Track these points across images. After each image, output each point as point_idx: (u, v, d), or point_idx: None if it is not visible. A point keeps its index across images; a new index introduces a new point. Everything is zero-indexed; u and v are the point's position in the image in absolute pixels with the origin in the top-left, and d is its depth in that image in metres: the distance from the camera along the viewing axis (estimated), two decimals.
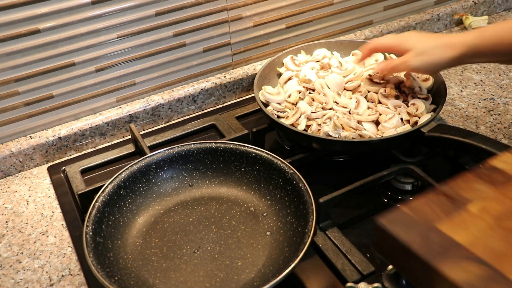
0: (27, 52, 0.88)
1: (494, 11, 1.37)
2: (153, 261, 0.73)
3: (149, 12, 0.95)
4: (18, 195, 0.90)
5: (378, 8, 1.21)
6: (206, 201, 0.82)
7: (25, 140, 0.94)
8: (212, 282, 0.69)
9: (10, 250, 0.79)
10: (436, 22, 1.29)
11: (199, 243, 0.75)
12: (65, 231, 0.82)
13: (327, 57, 1.04)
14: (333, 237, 0.75)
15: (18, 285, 0.73)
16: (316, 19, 1.14)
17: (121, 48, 0.96)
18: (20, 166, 0.95)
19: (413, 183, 0.84)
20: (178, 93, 1.05)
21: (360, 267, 0.70)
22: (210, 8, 1.00)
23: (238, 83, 1.10)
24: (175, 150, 0.82)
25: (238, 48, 1.09)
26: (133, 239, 0.76)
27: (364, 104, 0.91)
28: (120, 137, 1.03)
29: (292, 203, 0.76)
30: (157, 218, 0.79)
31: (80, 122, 0.98)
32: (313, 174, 0.88)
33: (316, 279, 0.71)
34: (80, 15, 0.89)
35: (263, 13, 1.07)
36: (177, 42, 1.01)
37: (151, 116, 1.04)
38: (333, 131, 0.85)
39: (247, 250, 0.73)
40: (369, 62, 1.03)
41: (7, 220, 0.84)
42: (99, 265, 0.66)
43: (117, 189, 0.77)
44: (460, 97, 1.06)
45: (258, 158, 0.81)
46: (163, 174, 0.83)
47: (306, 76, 0.98)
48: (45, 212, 0.86)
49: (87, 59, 0.94)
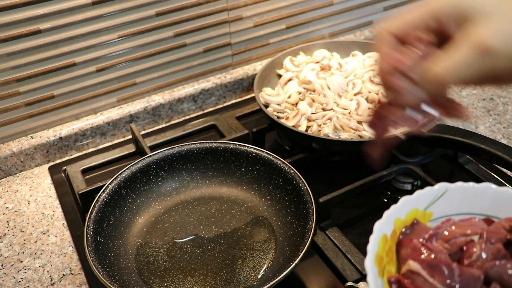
0: (28, 52, 0.88)
1: None
2: (153, 260, 0.73)
3: (149, 12, 0.95)
4: (19, 195, 0.90)
5: (378, 8, 1.21)
6: (206, 201, 0.82)
7: (26, 140, 0.94)
8: (212, 281, 0.69)
9: (11, 249, 0.79)
10: None
11: (200, 242, 0.75)
12: (66, 231, 0.82)
13: (327, 58, 1.04)
14: (333, 237, 0.75)
15: (19, 284, 0.74)
16: (316, 19, 1.14)
17: (122, 48, 0.96)
18: (21, 166, 0.95)
19: (412, 183, 0.84)
20: (178, 93, 1.05)
21: (360, 267, 0.70)
22: (211, 8, 1.01)
23: (239, 83, 1.10)
24: (175, 150, 0.83)
25: (239, 48, 1.09)
26: (133, 238, 0.76)
27: (365, 105, 0.91)
28: (121, 137, 1.03)
29: (292, 203, 0.76)
30: (158, 218, 0.79)
31: (81, 122, 0.98)
32: (313, 174, 0.88)
33: (316, 279, 0.72)
34: (81, 16, 0.89)
35: (263, 13, 1.07)
36: (178, 42, 1.01)
37: (151, 116, 1.04)
38: (333, 133, 0.86)
39: (247, 249, 0.74)
40: (369, 63, 1.03)
41: (8, 219, 0.85)
42: (100, 265, 0.66)
43: (118, 189, 0.77)
44: (459, 97, 1.07)
45: (258, 158, 0.81)
46: (164, 174, 0.83)
47: (306, 77, 0.98)
48: (46, 212, 0.86)
49: (88, 59, 0.94)
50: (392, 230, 0.49)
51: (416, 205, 0.50)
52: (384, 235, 0.48)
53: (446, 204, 0.50)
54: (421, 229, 0.49)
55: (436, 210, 0.51)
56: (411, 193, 0.83)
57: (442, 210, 0.51)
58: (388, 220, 0.48)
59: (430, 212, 0.51)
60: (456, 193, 0.51)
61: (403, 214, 0.50)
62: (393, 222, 0.49)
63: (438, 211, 0.51)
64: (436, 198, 0.51)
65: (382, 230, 0.47)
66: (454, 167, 0.89)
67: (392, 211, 0.48)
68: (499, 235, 0.47)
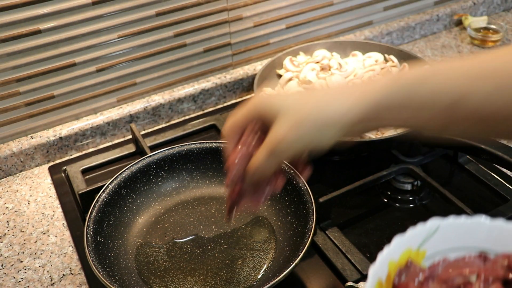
0: (28, 52, 0.88)
1: (493, 11, 1.38)
2: (153, 260, 0.73)
3: (149, 12, 0.95)
4: (19, 195, 0.90)
5: (378, 9, 1.21)
6: (206, 201, 0.82)
7: (26, 140, 0.94)
8: (212, 281, 0.69)
9: (11, 249, 0.79)
10: (436, 22, 1.29)
11: (200, 242, 0.75)
12: (66, 231, 0.82)
13: (327, 58, 1.04)
14: (333, 237, 0.75)
15: (19, 284, 0.74)
16: (316, 19, 1.14)
17: (122, 48, 0.96)
18: (21, 166, 0.95)
19: (412, 183, 0.84)
20: (178, 93, 1.05)
21: (360, 267, 0.71)
22: (211, 8, 1.01)
23: (239, 83, 1.10)
24: (175, 150, 0.83)
25: (239, 48, 1.09)
26: (133, 238, 0.76)
27: None
28: (121, 137, 1.03)
29: (292, 203, 0.76)
30: (158, 218, 0.79)
31: (81, 122, 0.98)
32: (313, 174, 0.88)
33: (316, 279, 0.72)
34: (81, 16, 0.89)
35: (263, 13, 1.07)
36: (178, 42, 1.01)
37: (151, 116, 1.04)
38: None
39: (247, 249, 0.74)
40: (369, 63, 1.03)
41: (8, 219, 0.85)
42: (100, 265, 0.66)
43: (118, 189, 0.77)
44: None
45: None
46: (164, 174, 0.83)
47: (306, 77, 0.98)
48: (46, 212, 0.86)
49: (88, 59, 0.94)
50: (387, 274, 0.48)
51: (409, 245, 0.49)
52: (379, 281, 0.47)
53: (439, 241, 0.50)
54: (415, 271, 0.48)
55: (430, 247, 0.50)
56: (411, 192, 0.84)
57: (436, 246, 0.50)
58: (382, 263, 0.48)
59: (423, 251, 0.50)
60: (448, 228, 0.50)
61: (396, 255, 0.49)
62: (387, 265, 0.48)
63: (431, 248, 0.50)
64: (429, 235, 0.50)
65: (376, 275, 0.47)
66: (454, 167, 0.89)
67: (386, 253, 0.48)
68: (497, 273, 0.46)
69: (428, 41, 1.28)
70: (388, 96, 0.46)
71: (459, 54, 1.21)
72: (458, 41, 1.27)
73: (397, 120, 0.47)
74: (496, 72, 0.43)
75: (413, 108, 0.46)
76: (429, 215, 0.80)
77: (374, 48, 1.07)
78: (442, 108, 0.45)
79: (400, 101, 0.46)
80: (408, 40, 1.28)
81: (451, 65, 0.46)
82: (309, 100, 0.47)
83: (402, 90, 0.46)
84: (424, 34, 1.29)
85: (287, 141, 0.46)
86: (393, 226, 0.79)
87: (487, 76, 0.44)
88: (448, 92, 0.44)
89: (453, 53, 1.22)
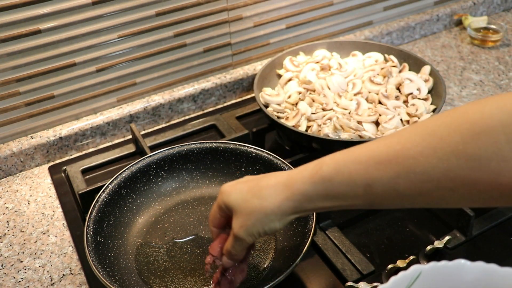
0: (28, 52, 0.88)
1: (493, 11, 1.38)
2: (153, 260, 0.73)
3: (149, 12, 0.95)
4: (19, 195, 0.90)
5: (378, 9, 1.21)
6: (206, 201, 0.82)
7: (26, 140, 0.94)
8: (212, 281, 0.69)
9: (11, 249, 0.79)
10: (436, 22, 1.29)
11: (200, 242, 0.75)
12: (66, 231, 0.82)
13: (327, 58, 1.04)
14: (333, 237, 0.75)
15: (19, 284, 0.74)
16: (316, 19, 1.14)
17: (122, 48, 0.96)
18: (21, 166, 0.95)
19: None
20: (178, 93, 1.05)
21: (360, 267, 0.71)
22: (211, 8, 1.01)
23: (238, 83, 1.10)
24: (175, 150, 0.83)
25: (239, 48, 1.09)
26: (133, 238, 0.76)
27: (365, 105, 0.91)
28: (121, 137, 1.03)
29: None
30: (158, 218, 0.79)
31: (81, 122, 0.98)
32: None
33: (316, 279, 0.72)
34: (81, 16, 0.89)
35: (263, 13, 1.07)
36: (178, 42, 1.01)
37: (151, 116, 1.04)
38: (333, 133, 0.86)
39: None
40: (369, 63, 1.03)
41: (8, 219, 0.85)
42: (100, 265, 0.66)
43: (118, 189, 0.77)
44: (459, 97, 1.07)
45: (258, 158, 0.81)
46: (164, 174, 0.83)
47: (306, 77, 0.98)
48: (46, 212, 0.86)
49: (87, 59, 0.94)
50: None
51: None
52: None
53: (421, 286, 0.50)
54: None
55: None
56: None
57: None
58: None
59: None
60: (430, 274, 0.51)
61: None
62: None
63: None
64: (411, 282, 0.51)
65: None
66: None
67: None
68: None
69: (428, 41, 1.28)
70: (309, 191, 0.53)
71: (459, 54, 1.21)
72: (458, 41, 1.27)
73: (325, 207, 0.53)
74: (398, 158, 0.47)
75: (334, 198, 0.52)
76: (429, 215, 0.80)
77: (374, 48, 1.07)
78: (360, 194, 0.50)
79: (321, 195, 0.52)
80: (408, 40, 1.28)
81: (361, 151, 0.50)
82: (253, 195, 0.56)
83: (319, 186, 0.52)
84: (424, 34, 1.29)
85: (243, 231, 0.57)
86: (393, 226, 0.79)
87: (389, 161, 0.47)
88: (358, 181, 0.49)
89: (453, 53, 1.22)
